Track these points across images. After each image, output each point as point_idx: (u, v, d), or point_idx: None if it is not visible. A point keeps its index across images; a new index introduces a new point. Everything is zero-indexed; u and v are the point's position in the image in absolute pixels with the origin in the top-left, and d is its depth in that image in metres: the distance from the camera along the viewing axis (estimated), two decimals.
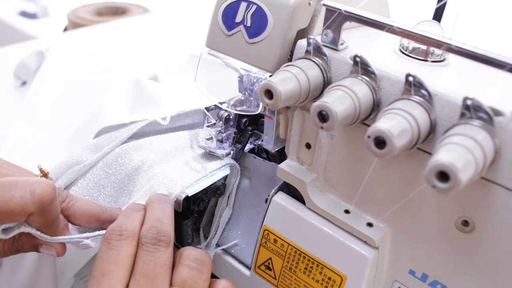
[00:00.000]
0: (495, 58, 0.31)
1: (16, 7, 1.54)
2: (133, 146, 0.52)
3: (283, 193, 0.46)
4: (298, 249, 0.44)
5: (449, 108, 0.33)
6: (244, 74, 0.47)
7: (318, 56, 0.39)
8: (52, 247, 0.41)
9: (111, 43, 0.95)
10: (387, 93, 0.36)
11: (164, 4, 1.45)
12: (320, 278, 0.43)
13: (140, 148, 0.51)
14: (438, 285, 0.39)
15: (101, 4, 1.40)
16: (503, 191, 0.33)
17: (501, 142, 0.31)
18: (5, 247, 0.40)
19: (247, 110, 0.48)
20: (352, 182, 0.42)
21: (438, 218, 0.37)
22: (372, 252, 0.40)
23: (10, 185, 0.37)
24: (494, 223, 0.34)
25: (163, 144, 0.52)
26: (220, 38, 0.44)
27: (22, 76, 0.81)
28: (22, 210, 0.37)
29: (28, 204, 0.37)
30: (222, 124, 0.50)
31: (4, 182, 0.37)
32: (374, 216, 0.41)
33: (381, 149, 0.30)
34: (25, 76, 0.80)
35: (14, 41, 1.04)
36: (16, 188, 0.37)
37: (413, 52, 0.39)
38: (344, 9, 0.37)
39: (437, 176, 0.28)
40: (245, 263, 0.50)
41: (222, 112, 0.50)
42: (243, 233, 0.52)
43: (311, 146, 0.44)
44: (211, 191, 0.51)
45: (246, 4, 0.42)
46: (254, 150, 0.54)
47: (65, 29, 1.35)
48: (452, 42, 0.33)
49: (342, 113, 0.33)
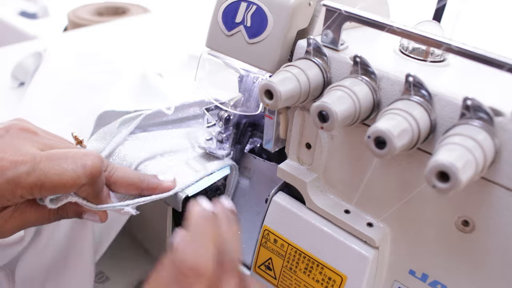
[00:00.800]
0: (495, 58, 0.31)
1: (16, 7, 1.54)
2: (134, 144, 0.52)
3: (283, 193, 0.46)
4: (298, 249, 0.44)
5: (449, 108, 0.33)
6: (244, 74, 0.47)
7: (318, 56, 0.39)
8: (96, 214, 0.43)
9: (111, 43, 0.95)
10: (387, 93, 0.36)
11: (164, 4, 1.45)
12: (320, 278, 0.43)
13: (140, 148, 0.51)
14: (438, 285, 0.39)
15: (101, 4, 1.40)
16: (503, 191, 0.33)
17: (501, 142, 0.31)
18: (50, 214, 0.41)
19: (247, 110, 0.49)
20: (352, 182, 0.42)
21: (438, 218, 0.37)
22: (372, 252, 0.40)
23: (61, 158, 0.38)
24: (494, 223, 0.34)
25: (163, 144, 0.52)
26: (220, 38, 0.44)
27: (20, 77, 0.81)
28: (74, 182, 0.38)
29: (80, 177, 0.38)
30: (222, 124, 0.50)
31: (54, 155, 0.38)
32: (374, 216, 0.41)
33: (381, 149, 0.30)
34: (23, 77, 0.80)
35: (14, 41, 1.04)
36: (68, 161, 0.38)
37: (413, 52, 0.39)
38: (344, 9, 0.37)
39: (437, 176, 0.28)
40: (245, 263, 0.51)
41: (222, 112, 0.50)
42: (243, 233, 0.52)
43: (311, 146, 0.44)
44: (211, 191, 0.51)
45: (246, 4, 0.42)
46: (254, 150, 0.54)
47: (65, 29, 1.35)
48: (452, 42, 0.33)
49: (342, 113, 0.33)
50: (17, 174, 0.36)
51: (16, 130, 0.39)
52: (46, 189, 0.37)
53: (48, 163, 0.37)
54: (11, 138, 0.38)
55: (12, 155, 0.37)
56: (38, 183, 0.37)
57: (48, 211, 0.41)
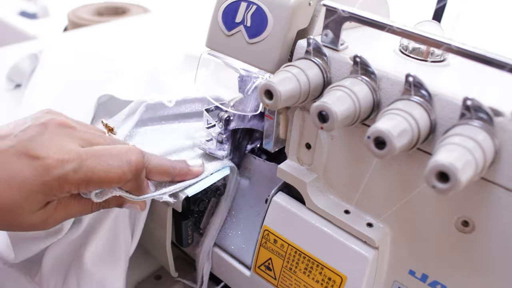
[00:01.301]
0: (495, 58, 0.31)
1: (16, 7, 1.54)
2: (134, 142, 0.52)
3: (283, 193, 0.46)
4: (298, 249, 0.44)
5: (449, 109, 0.33)
6: (244, 74, 0.47)
7: (318, 56, 0.39)
8: (137, 204, 0.44)
9: (111, 43, 0.94)
10: (387, 93, 0.36)
11: (164, 4, 1.45)
12: (320, 279, 0.43)
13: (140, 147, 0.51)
14: (438, 285, 0.39)
15: (101, 4, 1.40)
16: (503, 191, 0.33)
17: (501, 143, 0.31)
18: (93, 206, 0.43)
19: (247, 111, 0.48)
20: (352, 182, 0.42)
21: (438, 218, 0.37)
22: (372, 252, 0.40)
23: (106, 155, 0.39)
24: (494, 223, 0.34)
25: (164, 144, 0.52)
26: (220, 38, 0.44)
27: (15, 79, 0.80)
28: (120, 179, 0.39)
29: (126, 173, 0.40)
30: (222, 125, 0.50)
31: (99, 152, 0.39)
32: (374, 216, 0.41)
33: (381, 149, 0.30)
34: (18, 79, 0.80)
35: (14, 41, 1.04)
36: (113, 158, 0.39)
37: (413, 52, 0.39)
38: (344, 9, 0.37)
39: (437, 176, 0.27)
40: (245, 263, 0.50)
41: (222, 113, 0.50)
42: (243, 233, 0.52)
43: (311, 146, 0.44)
44: (211, 192, 0.51)
45: (246, 4, 0.42)
46: (254, 150, 0.54)
47: (65, 29, 1.35)
48: (452, 42, 0.33)
49: (342, 114, 0.33)
50: (65, 172, 0.37)
51: (55, 126, 0.40)
52: (92, 185, 0.39)
53: (94, 160, 0.38)
54: (52, 135, 0.39)
55: (57, 153, 0.38)
56: (85, 179, 0.38)
57: (92, 203, 0.42)
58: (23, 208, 0.37)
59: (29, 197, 0.37)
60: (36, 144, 0.38)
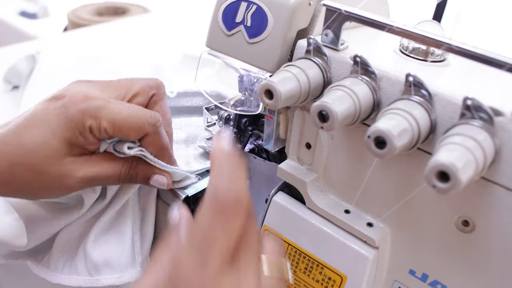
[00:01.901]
0: (495, 58, 0.31)
1: (16, 7, 1.54)
2: None
3: (283, 193, 0.46)
4: (298, 249, 0.44)
5: (449, 108, 0.33)
6: (244, 74, 0.47)
7: (318, 56, 0.39)
8: (164, 177, 0.45)
9: (111, 43, 0.95)
10: (387, 93, 0.36)
11: (164, 4, 1.45)
12: (320, 278, 0.43)
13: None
14: (438, 285, 0.39)
15: (101, 4, 1.40)
16: (503, 191, 0.33)
17: (501, 142, 0.31)
18: (122, 171, 0.43)
19: (247, 110, 0.49)
20: (352, 182, 0.42)
21: (438, 218, 0.37)
22: (372, 252, 0.40)
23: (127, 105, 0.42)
24: (495, 223, 0.34)
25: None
26: (220, 38, 0.44)
27: (12, 81, 0.80)
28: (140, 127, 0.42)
29: (145, 124, 0.42)
30: (222, 124, 0.50)
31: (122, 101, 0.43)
32: (374, 216, 0.41)
33: (381, 149, 0.30)
34: (16, 81, 0.79)
35: (14, 41, 1.04)
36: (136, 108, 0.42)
37: (413, 52, 0.39)
38: (344, 9, 0.37)
39: (437, 176, 0.27)
40: None
41: (222, 112, 0.50)
42: None
43: (311, 146, 0.44)
44: None
45: (246, 4, 0.42)
46: (254, 150, 0.54)
47: (65, 29, 1.35)
48: (452, 42, 0.33)
49: (342, 113, 0.33)
50: (89, 107, 0.40)
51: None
52: (113, 127, 0.40)
53: (117, 105, 0.41)
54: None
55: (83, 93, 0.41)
56: (106, 118, 0.40)
57: (121, 166, 0.43)
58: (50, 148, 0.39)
59: (55, 131, 0.39)
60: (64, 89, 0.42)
